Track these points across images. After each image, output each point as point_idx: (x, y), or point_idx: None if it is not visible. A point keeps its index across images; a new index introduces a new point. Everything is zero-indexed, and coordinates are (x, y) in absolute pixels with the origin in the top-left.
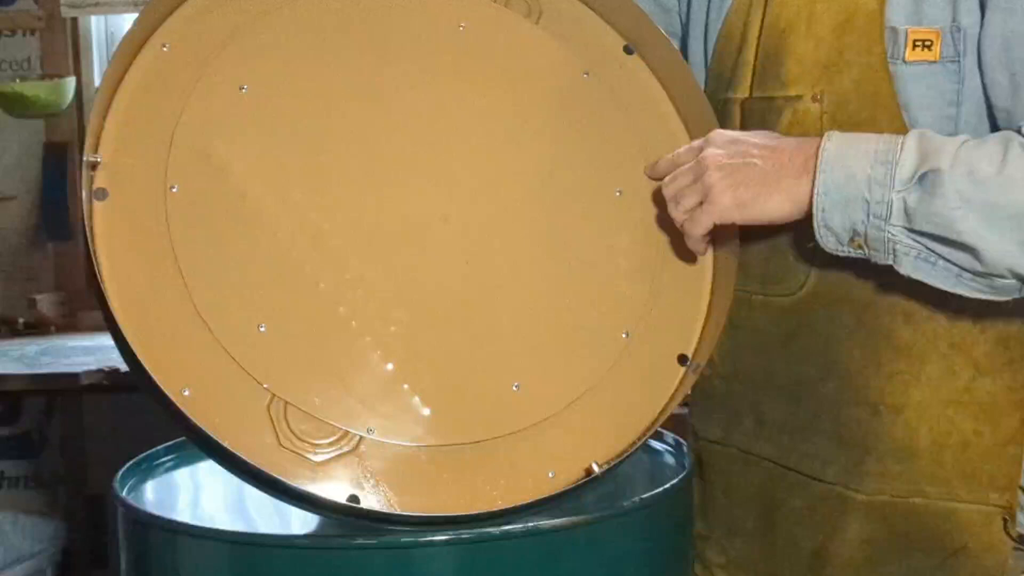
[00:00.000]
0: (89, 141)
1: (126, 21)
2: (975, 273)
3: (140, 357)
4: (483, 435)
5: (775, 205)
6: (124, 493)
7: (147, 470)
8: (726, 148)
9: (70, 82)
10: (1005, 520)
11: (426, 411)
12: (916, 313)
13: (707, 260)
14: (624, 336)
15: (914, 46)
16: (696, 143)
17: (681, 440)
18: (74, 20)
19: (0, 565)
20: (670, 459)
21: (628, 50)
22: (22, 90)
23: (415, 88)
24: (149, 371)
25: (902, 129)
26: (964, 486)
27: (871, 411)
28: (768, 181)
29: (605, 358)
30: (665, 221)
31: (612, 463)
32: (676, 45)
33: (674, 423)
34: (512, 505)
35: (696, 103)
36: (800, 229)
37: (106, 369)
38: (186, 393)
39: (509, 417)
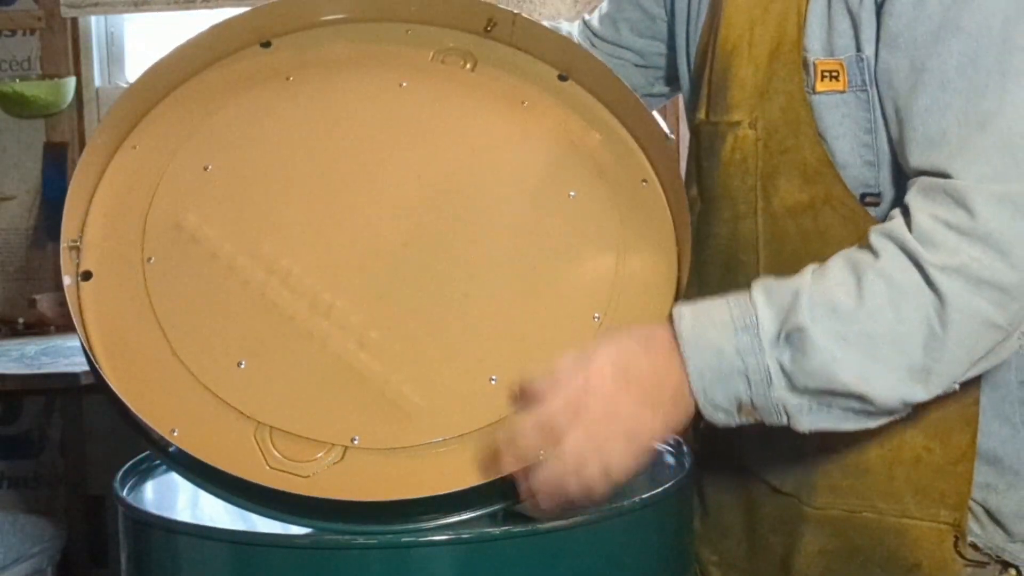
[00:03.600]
0: (69, 227)
1: (126, 21)
2: (869, 413)
3: (131, 407)
4: (466, 428)
5: (673, 426)
6: (124, 493)
7: (147, 470)
8: (574, 417)
9: (70, 82)
10: (956, 538)
11: (407, 414)
12: None
13: (668, 235)
14: (596, 319)
15: (822, 77)
16: (569, 398)
17: (681, 440)
18: (74, 20)
19: (0, 565)
20: (670, 459)
21: (562, 77)
22: (22, 90)
23: (364, 140)
24: (140, 417)
25: (822, 157)
26: (915, 503)
27: None
28: (655, 422)
29: (579, 341)
30: (622, 212)
31: None
32: (664, 49)
33: None
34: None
35: (635, 111)
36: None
37: None
38: (175, 433)
39: (489, 408)
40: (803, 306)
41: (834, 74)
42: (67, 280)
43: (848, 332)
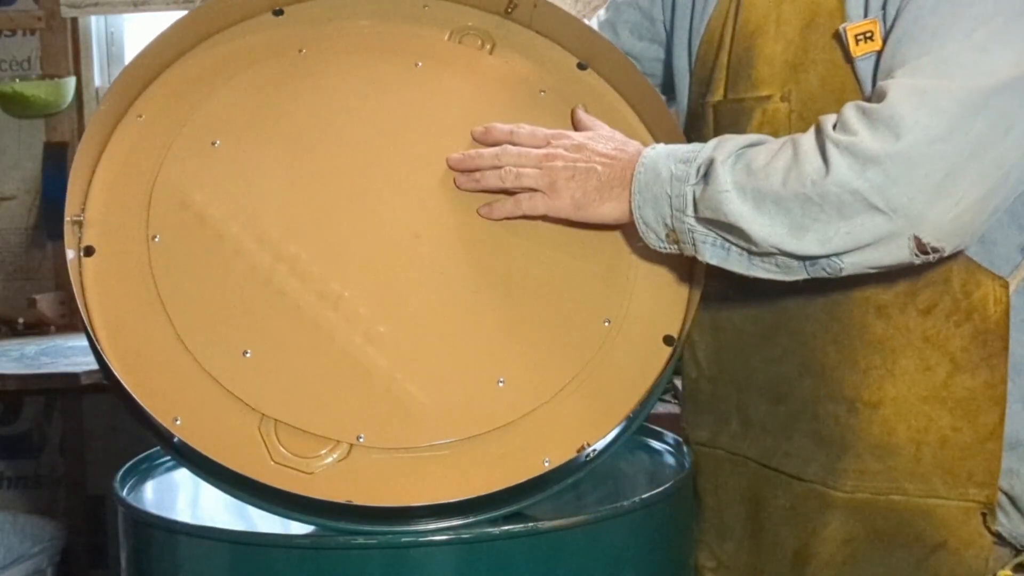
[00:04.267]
0: (73, 202)
1: (126, 21)
2: (758, 255)
3: (132, 392)
4: (472, 431)
5: (607, 210)
6: (124, 493)
7: (147, 470)
8: (573, 152)
9: (70, 82)
10: (984, 515)
11: (413, 414)
12: (888, 306)
13: None
14: (606, 324)
15: (856, 41)
16: (540, 131)
17: (681, 440)
18: (74, 20)
19: (0, 565)
20: (670, 459)
21: (581, 66)
22: (22, 90)
23: (377, 123)
24: (142, 403)
25: None
26: (943, 482)
27: (848, 408)
28: (603, 188)
29: (588, 347)
30: None
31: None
32: (661, 54)
33: (674, 423)
34: (510, 485)
35: (652, 103)
36: None
37: None
38: (178, 422)
39: (496, 411)
40: (727, 149)
41: (868, 35)
42: (70, 255)
43: (746, 183)
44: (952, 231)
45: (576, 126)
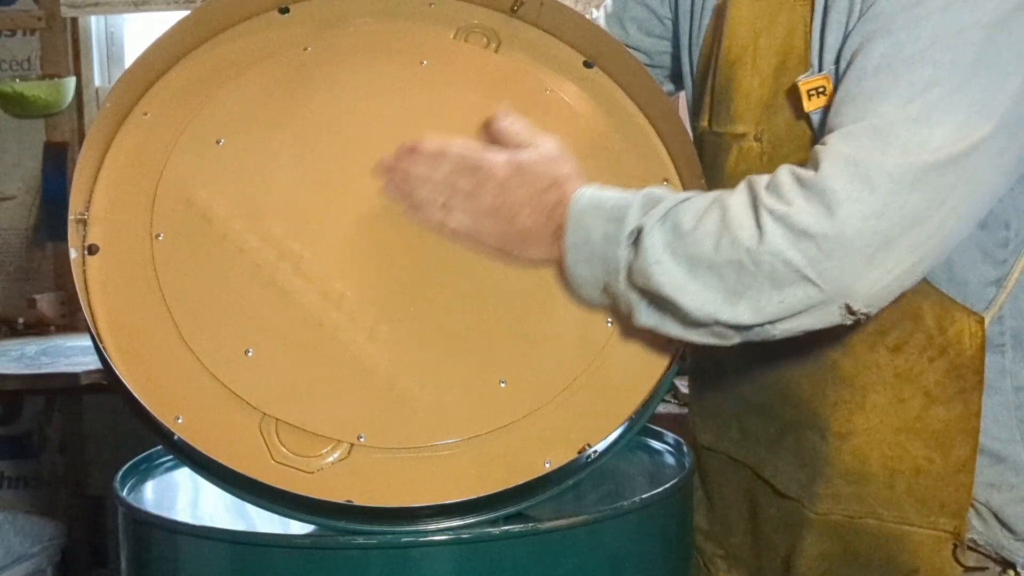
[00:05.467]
0: (77, 200)
1: (126, 21)
2: (691, 324)
3: (134, 390)
4: (474, 431)
5: (535, 255)
6: (124, 493)
7: (147, 470)
8: (495, 194)
9: (70, 82)
10: (955, 546)
11: (414, 414)
12: (855, 345)
13: None
14: (609, 324)
15: (808, 96)
16: (474, 154)
17: (681, 440)
18: (74, 20)
19: (0, 565)
20: (670, 459)
21: (588, 64)
22: (22, 90)
23: (382, 122)
24: (143, 402)
25: None
26: (915, 511)
27: (820, 436)
28: (526, 239)
29: (591, 347)
30: None
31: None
32: (670, 48)
33: (674, 423)
34: (511, 485)
35: (659, 103)
36: None
37: None
38: (179, 420)
39: (498, 412)
40: (657, 213)
41: (820, 90)
42: (73, 253)
43: (677, 248)
44: (883, 297)
45: (501, 139)
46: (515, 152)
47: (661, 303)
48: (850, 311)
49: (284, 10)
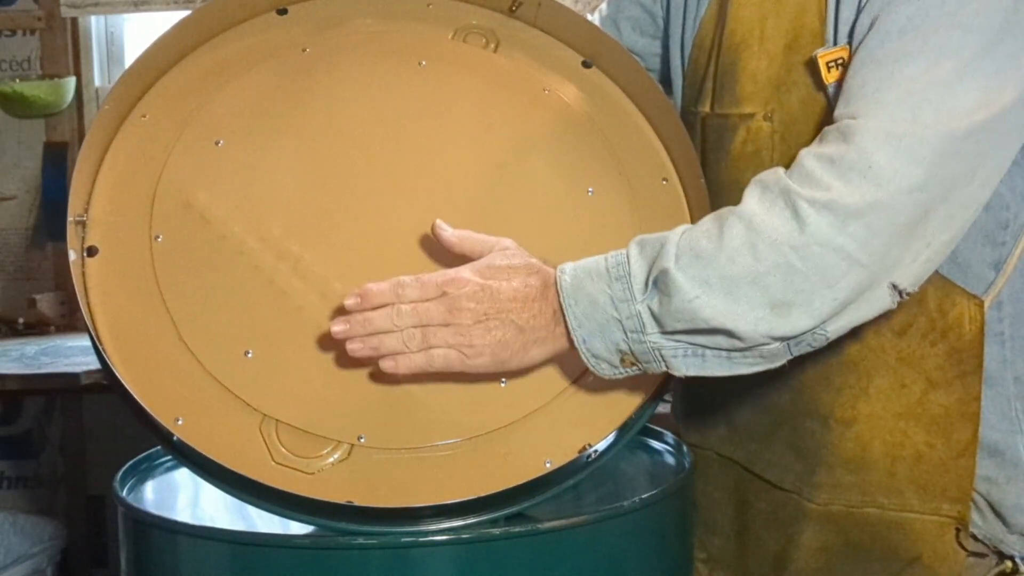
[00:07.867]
0: (76, 202)
1: (126, 21)
2: (740, 351)
3: (134, 392)
4: (474, 431)
5: (533, 356)
6: (124, 493)
7: (147, 470)
8: (478, 302)
9: (70, 82)
10: (958, 531)
11: (414, 414)
12: (862, 328)
13: None
14: None
15: (828, 68)
16: (429, 280)
17: (681, 440)
18: (74, 20)
19: (0, 565)
20: (670, 459)
21: (586, 64)
22: (22, 90)
23: (380, 122)
24: (143, 403)
25: None
26: (917, 497)
27: (822, 424)
28: (525, 338)
29: None
30: (641, 212)
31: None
32: (659, 51)
33: (674, 423)
34: (511, 486)
35: (658, 103)
36: None
37: None
38: (180, 422)
39: (498, 412)
40: (669, 252)
41: (840, 62)
42: (72, 255)
43: (709, 275)
44: (924, 273)
45: (458, 250)
46: (474, 259)
47: (703, 341)
48: (897, 290)
49: (283, 11)
